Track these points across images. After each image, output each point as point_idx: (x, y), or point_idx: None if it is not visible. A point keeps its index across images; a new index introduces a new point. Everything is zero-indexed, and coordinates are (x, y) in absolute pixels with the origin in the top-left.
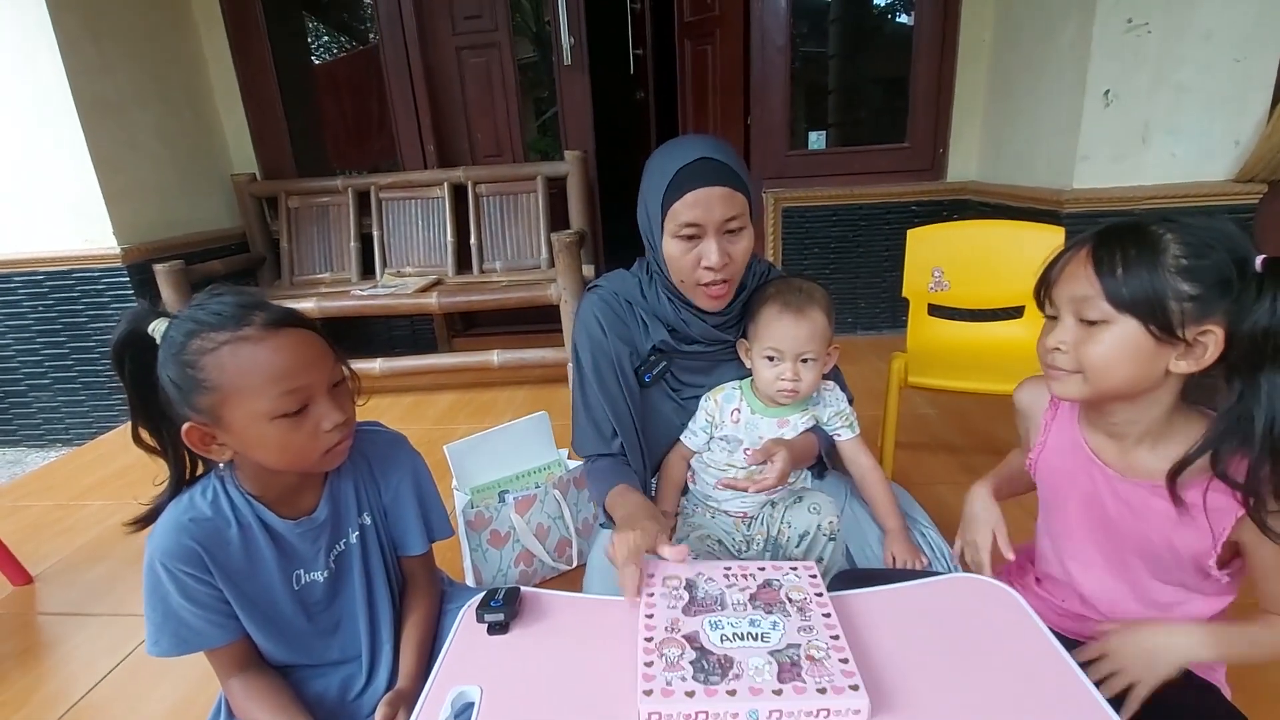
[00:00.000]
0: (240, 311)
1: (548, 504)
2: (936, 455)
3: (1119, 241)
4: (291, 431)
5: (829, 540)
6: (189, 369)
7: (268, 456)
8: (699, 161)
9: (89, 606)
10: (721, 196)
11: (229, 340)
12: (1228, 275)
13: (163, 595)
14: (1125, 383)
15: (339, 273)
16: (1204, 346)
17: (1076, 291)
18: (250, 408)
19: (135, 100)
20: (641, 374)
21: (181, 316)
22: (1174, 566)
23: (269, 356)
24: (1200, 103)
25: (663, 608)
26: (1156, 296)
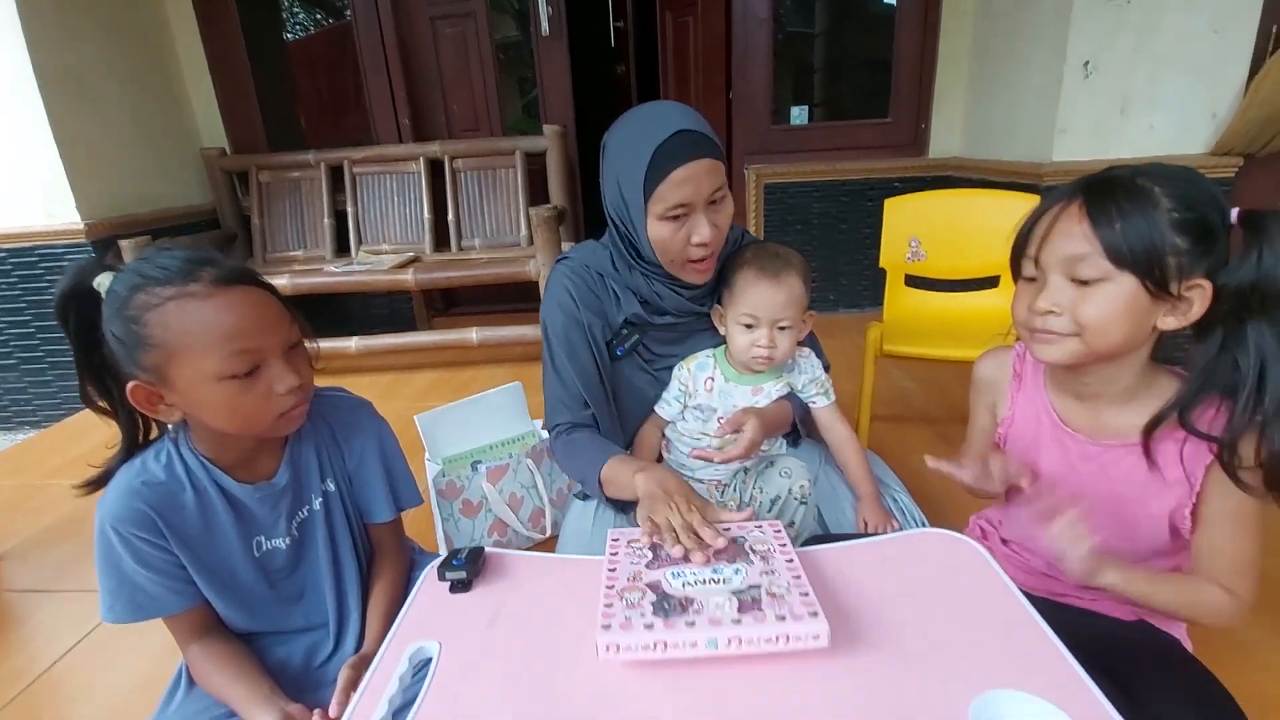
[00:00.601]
0: (188, 266)
1: (521, 473)
2: (915, 426)
3: (1113, 195)
4: (242, 394)
5: (800, 504)
6: (133, 325)
7: (217, 419)
8: (676, 137)
9: (55, 583)
10: (706, 170)
11: (175, 296)
12: (1214, 228)
13: (115, 561)
14: (1121, 342)
15: (313, 250)
16: (1190, 302)
17: (1071, 250)
18: (197, 368)
19: (100, 72)
20: (614, 347)
21: (127, 270)
22: (1144, 526)
23: (217, 315)
24: (1179, 74)
25: (625, 564)
26: (1156, 251)
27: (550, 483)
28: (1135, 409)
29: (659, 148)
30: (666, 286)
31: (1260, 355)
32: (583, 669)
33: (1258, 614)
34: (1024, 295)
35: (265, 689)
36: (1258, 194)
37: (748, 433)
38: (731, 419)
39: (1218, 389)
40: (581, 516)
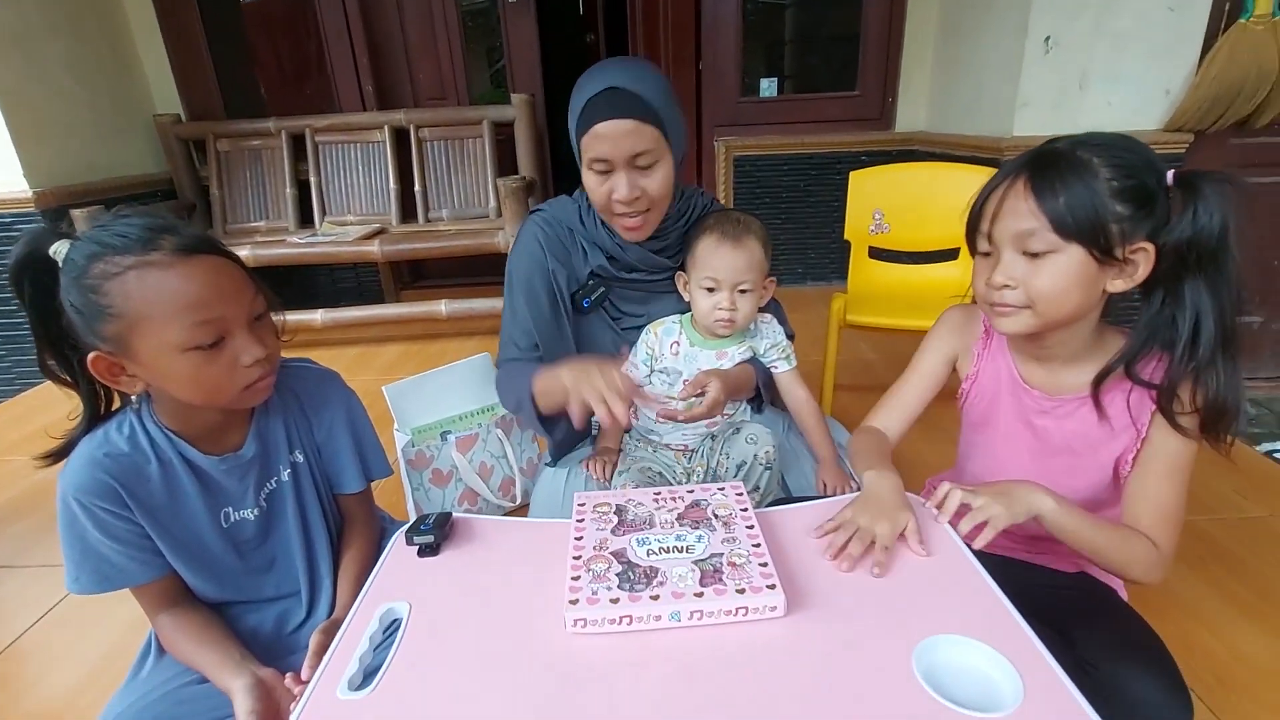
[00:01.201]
0: (148, 234)
1: (490, 443)
2: (876, 395)
3: (1055, 169)
4: (206, 365)
5: (765, 469)
6: (92, 294)
7: (180, 390)
8: (605, 93)
9: (16, 559)
10: (627, 131)
11: (135, 265)
12: (1153, 192)
13: (79, 532)
14: (1073, 309)
15: (275, 221)
16: (1135, 264)
17: (1020, 226)
18: (160, 338)
19: (43, 30)
20: (579, 299)
21: (84, 238)
22: (1093, 473)
23: (179, 284)
24: (1136, 52)
25: (592, 530)
26: (1099, 220)
27: (520, 452)
28: (1088, 366)
29: (589, 99)
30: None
31: (1195, 309)
32: (549, 631)
33: (1191, 567)
34: (981, 270)
35: (236, 655)
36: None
37: (711, 392)
38: (694, 380)
39: (1159, 343)
40: (552, 483)
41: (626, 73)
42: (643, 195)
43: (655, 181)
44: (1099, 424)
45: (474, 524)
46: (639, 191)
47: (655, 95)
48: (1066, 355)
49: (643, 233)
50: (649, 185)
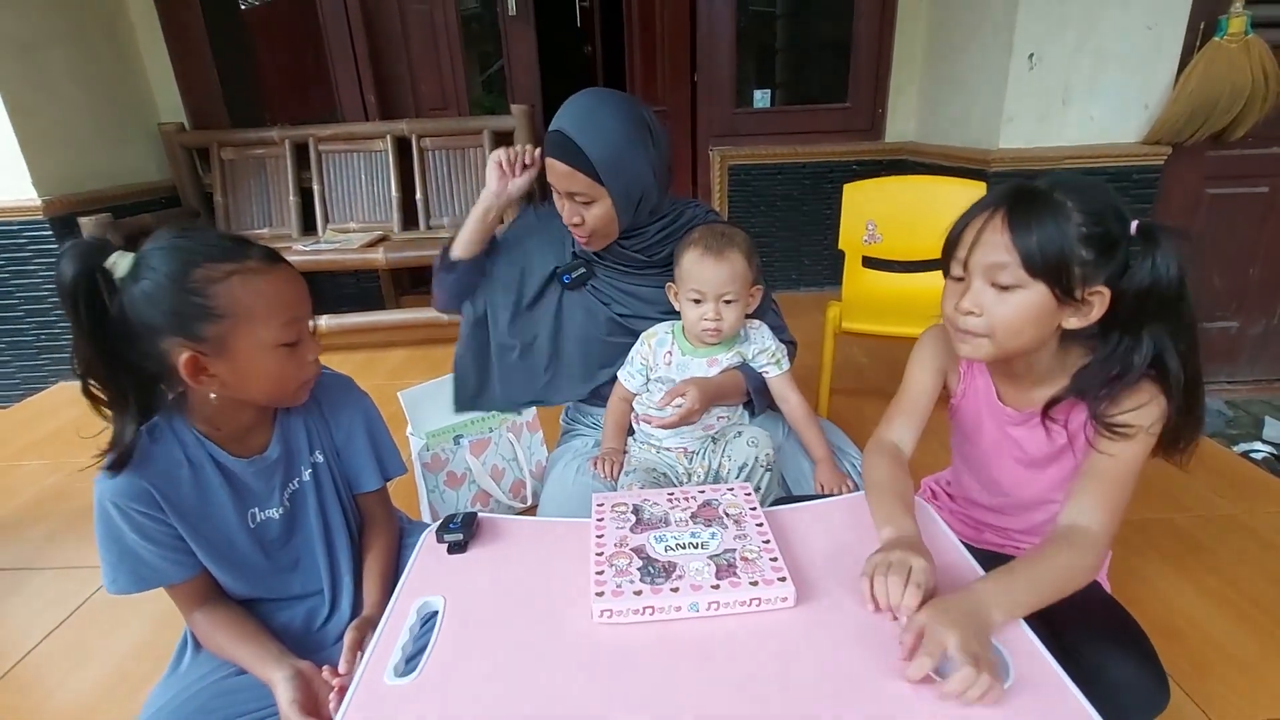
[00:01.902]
0: (235, 244)
1: (501, 446)
2: (870, 399)
3: (1033, 209)
4: (286, 361)
5: (765, 471)
6: (195, 296)
7: (258, 386)
8: (554, 134)
9: (36, 561)
10: (562, 174)
11: (237, 270)
12: (1117, 239)
13: (116, 534)
14: (1028, 341)
15: (278, 228)
16: (1091, 305)
17: (993, 258)
18: (257, 336)
19: (48, 39)
20: (561, 275)
21: (162, 249)
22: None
23: (276, 287)
24: (1116, 67)
25: (612, 529)
26: (1065, 263)
27: (530, 456)
28: (1053, 384)
29: (547, 134)
30: None
31: (1155, 348)
32: (576, 621)
33: (1168, 561)
34: (951, 293)
35: (274, 648)
36: (1183, 180)
37: (686, 402)
38: (672, 389)
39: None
40: (560, 480)
41: (579, 119)
42: (583, 222)
43: (592, 215)
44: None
45: (498, 523)
46: (579, 218)
47: (597, 146)
48: (1035, 375)
49: (592, 245)
50: (587, 215)
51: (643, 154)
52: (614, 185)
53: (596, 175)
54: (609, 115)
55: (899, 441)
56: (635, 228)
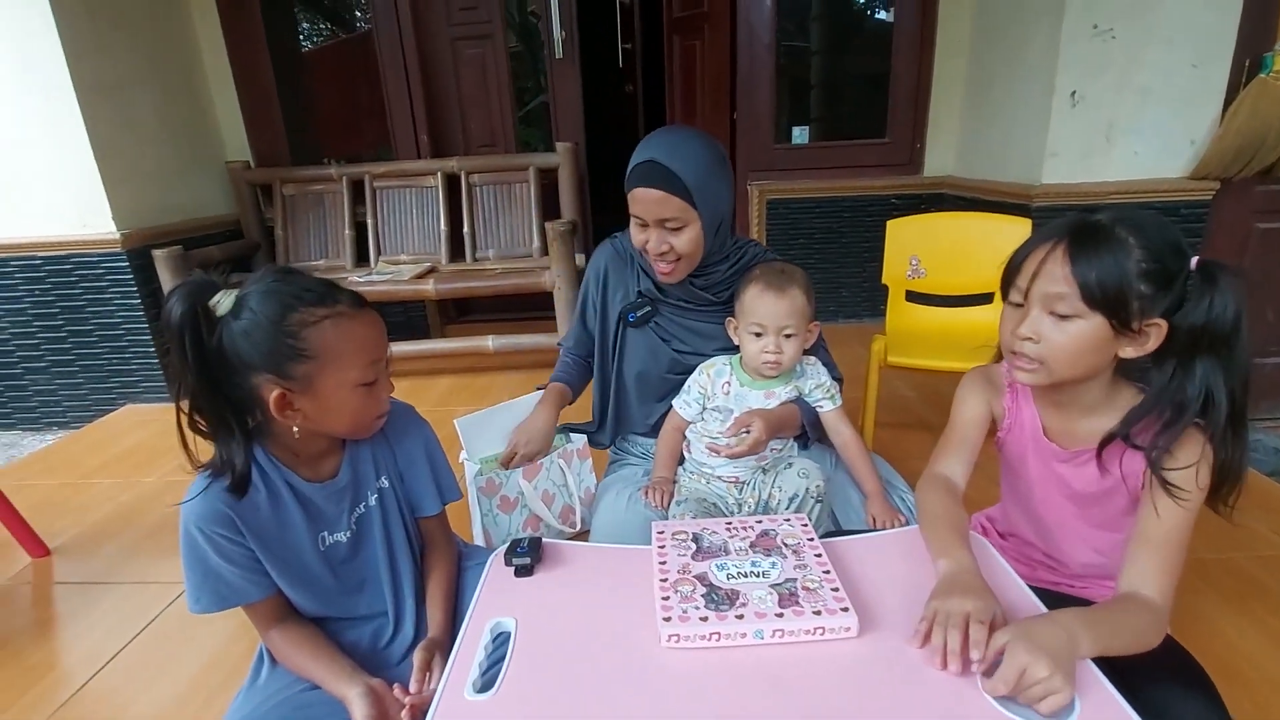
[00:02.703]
0: (327, 290)
1: (553, 472)
2: (915, 432)
3: (1093, 244)
4: (365, 399)
5: (816, 502)
6: (290, 339)
7: (338, 420)
8: (645, 164)
9: (108, 576)
10: (655, 200)
11: (329, 315)
12: (1175, 275)
13: (200, 556)
14: (1085, 369)
15: (334, 260)
16: (1147, 336)
17: (1052, 289)
18: (342, 376)
19: (132, 84)
20: (626, 313)
21: (263, 291)
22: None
23: (363, 330)
24: (1160, 104)
25: (674, 556)
26: (1123, 296)
27: (580, 482)
28: (1100, 418)
29: (634, 166)
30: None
31: (1205, 384)
32: (643, 645)
33: (1229, 602)
34: (1009, 319)
35: (347, 666)
36: (1232, 215)
37: (754, 431)
38: (739, 419)
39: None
40: (613, 508)
41: (668, 147)
42: (670, 249)
43: (682, 240)
44: (1101, 478)
45: (560, 548)
46: (667, 246)
47: (689, 170)
48: (1083, 406)
49: (674, 277)
50: (676, 242)
51: (724, 182)
52: (705, 209)
53: (690, 198)
54: (696, 143)
55: (951, 475)
56: (705, 266)
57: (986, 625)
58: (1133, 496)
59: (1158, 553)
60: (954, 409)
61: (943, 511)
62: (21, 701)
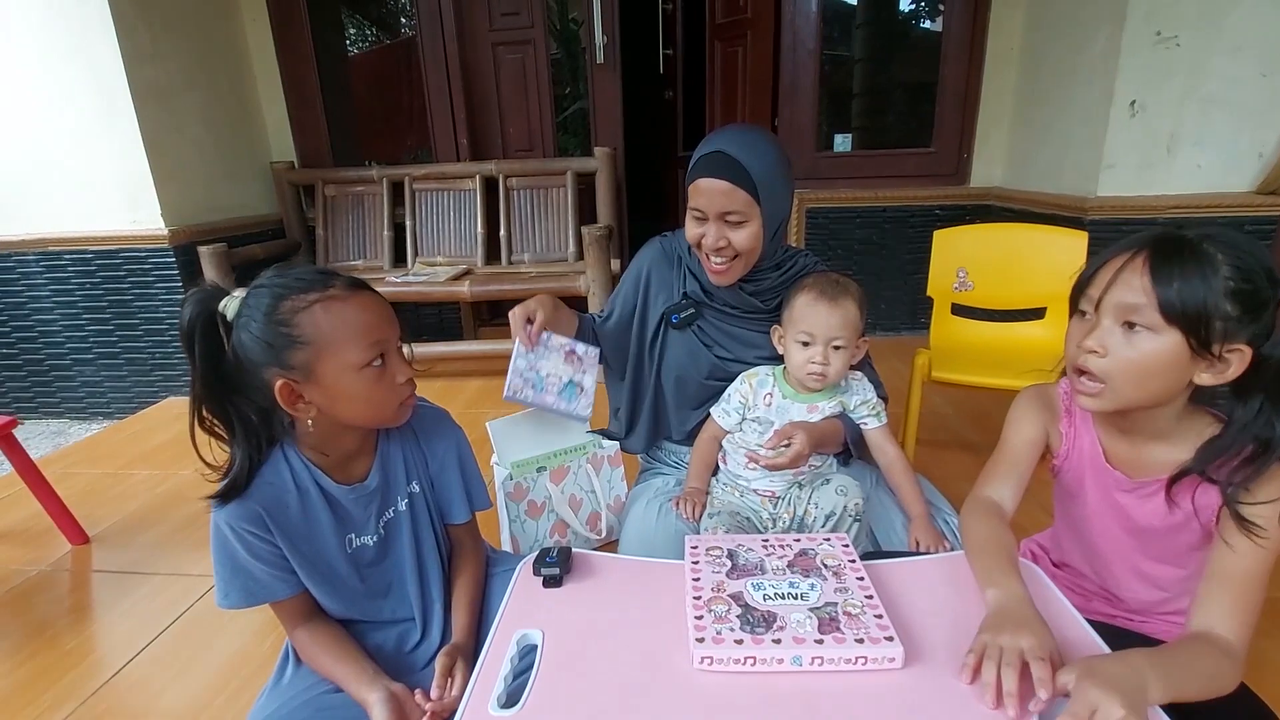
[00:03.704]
0: (322, 276)
1: (580, 477)
2: (955, 452)
3: (1177, 255)
4: (375, 383)
5: (854, 521)
6: (283, 327)
7: (352, 408)
8: (713, 154)
9: (145, 565)
10: (720, 190)
11: (320, 299)
12: (1266, 300)
13: (230, 553)
14: (1154, 393)
15: (372, 260)
16: (1228, 363)
17: (1128, 298)
18: (341, 359)
19: (184, 87)
20: (669, 314)
21: (261, 287)
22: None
23: (356, 311)
24: (1226, 115)
25: (708, 573)
26: (1205, 314)
27: (609, 489)
28: (1171, 447)
29: (700, 157)
30: None
31: None
32: (674, 665)
33: None
34: (1076, 332)
35: (370, 670)
36: None
37: (795, 445)
38: (782, 431)
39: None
40: (643, 519)
41: (738, 141)
42: (728, 245)
43: (741, 236)
44: (1169, 512)
45: (590, 559)
46: (724, 242)
47: (757, 165)
48: (1151, 432)
49: (726, 277)
50: (735, 238)
51: (788, 184)
52: (768, 205)
53: (755, 193)
54: (765, 141)
55: (999, 499)
56: (757, 270)
57: (1048, 662)
58: (1205, 531)
59: (1233, 592)
60: (1005, 430)
61: (991, 536)
62: (58, 686)
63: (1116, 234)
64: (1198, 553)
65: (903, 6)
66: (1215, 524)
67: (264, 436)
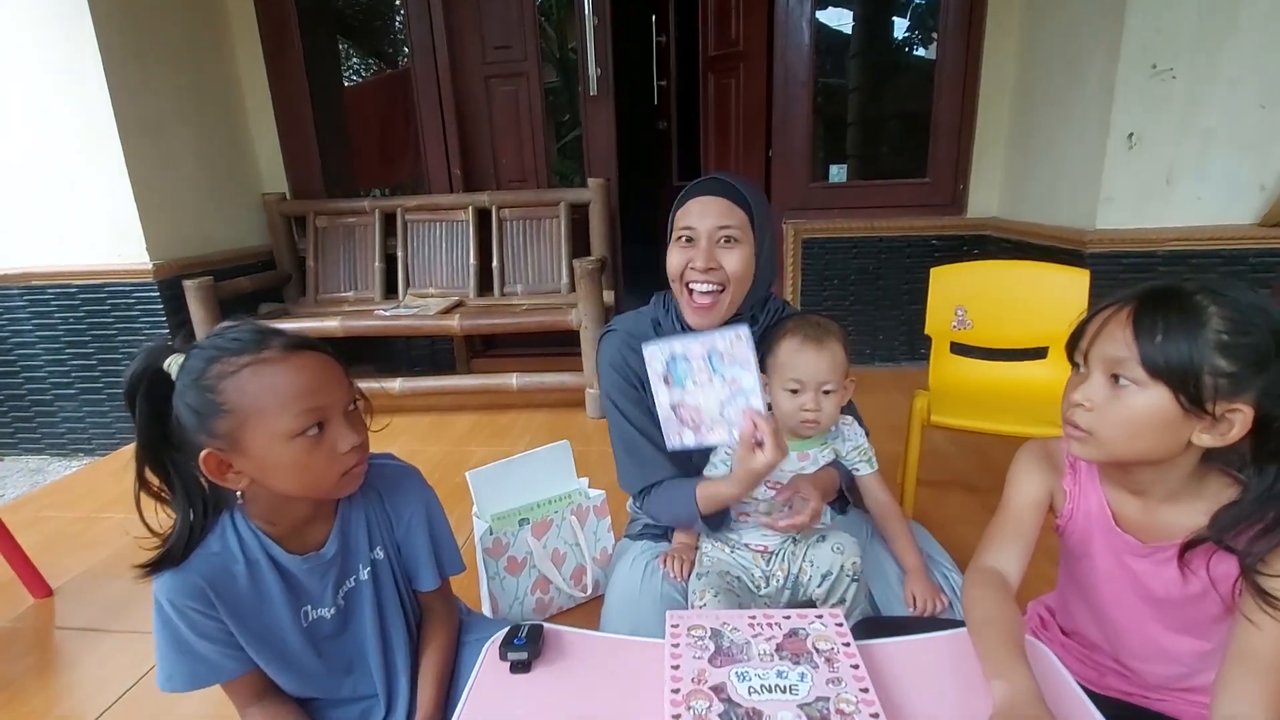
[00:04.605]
0: (260, 336)
1: (564, 529)
2: (957, 494)
3: (1162, 307)
4: (309, 453)
5: (852, 580)
6: (209, 394)
7: (285, 480)
8: (707, 180)
9: (108, 623)
10: (717, 205)
11: (249, 363)
12: (1267, 355)
13: (172, 630)
14: (1144, 450)
15: (363, 292)
16: (1230, 423)
17: (1111, 351)
18: (270, 428)
19: (173, 119)
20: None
21: (202, 345)
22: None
23: (288, 376)
24: (1226, 147)
25: (688, 657)
26: (1192, 368)
27: (595, 542)
28: (1184, 509)
29: (691, 185)
30: None
31: None
32: None
33: None
34: (1070, 386)
35: None
36: None
37: (812, 501)
38: (787, 486)
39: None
40: (628, 579)
41: (729, 174)
42: (719, 269)
43: (733, 259)
44: (1185, 581)
45: (564, 637)
46: (715, 264)
47: (750, 192)
48: (1162, 493)
49: (711, 315)
50: (727, 260)
51: (771, 230)
52: (760, 235)
53: (750, 215)
54: (754, 183)
55: (1003, 569)
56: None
57: None
58: (1225, 603)
59: (1262, 678)
60: (1006, 489)
61: (996, 616)
62: None
63: (1117, 267)
64: (1220, 624)
65: (897, 36)
66: (1235, 595)
67: (209, 503)
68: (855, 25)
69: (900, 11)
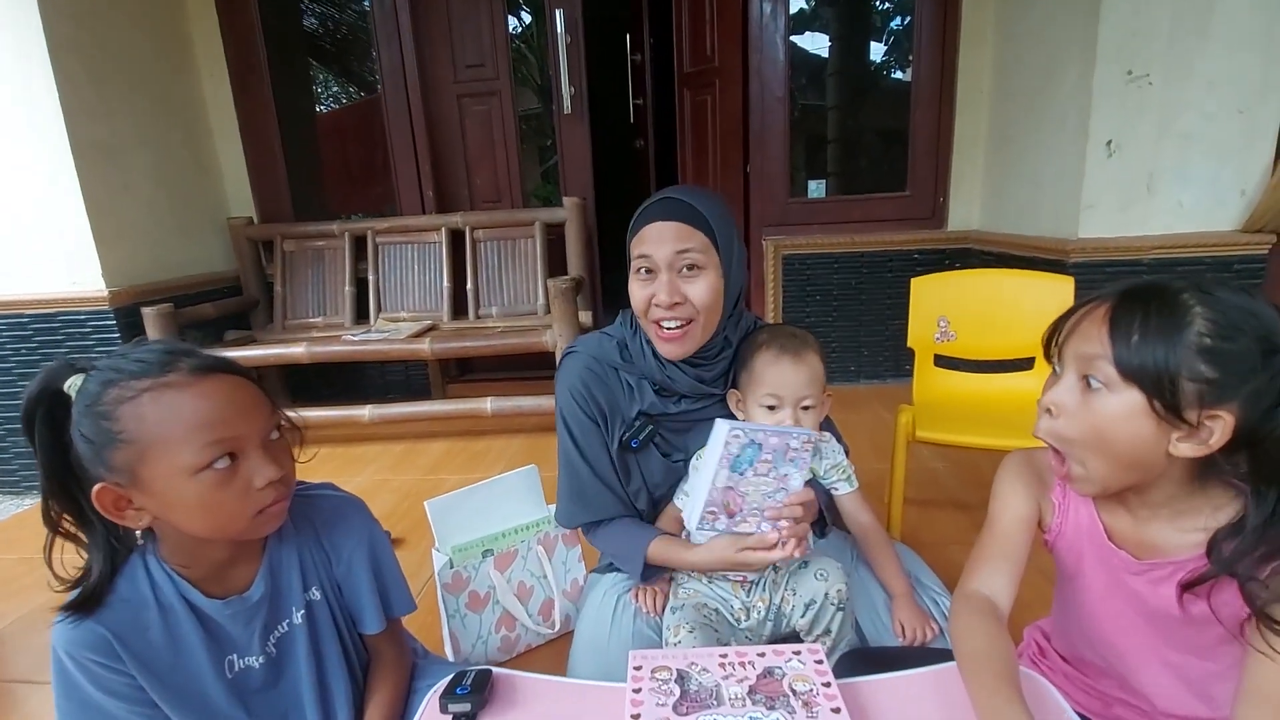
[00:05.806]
0: (166, 358)
1: (530, 561)
2: (946, 512)
3: (1142, 305)
4: (218, 489)
5: (837, 610)
6: (103, 421)
7: (190, 520)
8: (659, 201)
9: (39, 674)
10: (673, 231)
11: (150, 388)
12: (1252, 362)
13: (74, 686)
14: (1116, 462)
15: (332, 317)
16: (1210, 431)
17: (1085, 348)
18: (171, 462)
19: (133, 143)
20: (628, 440)
21: (101, 366)
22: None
23: (194, 403)
24: (1205, 152)
25: (650, 705)
26: (1168, 372)
27: (565, 573)
28: (1181, 525)
29: (644, 209)
30: (677, 367)
31: None
32: None
33: None
34: (1044, 389)
35: None
36: None
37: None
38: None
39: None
40: (599, 615)
41: (684, 191)
42: (685, 302)
43: (699, 289)
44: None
45: (517, 683)
46: (680, 297)
47: (708, 208)
48: (1153, 507)
49: (681, 346)
50: (692, 292)
51: (740, 243)
52: (725, 254)
53: (713, 236)
54: (712, 195)
55: (992, 594)
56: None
57: None
58: (1230, 631)
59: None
60: (991, 505)
61: (985, 650)
62: None
63: (1101, 275)
64: (1228, 646)
65: (873, 56)
66: (1241, 625)
67: (119, 541)
68: (831, 44)
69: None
